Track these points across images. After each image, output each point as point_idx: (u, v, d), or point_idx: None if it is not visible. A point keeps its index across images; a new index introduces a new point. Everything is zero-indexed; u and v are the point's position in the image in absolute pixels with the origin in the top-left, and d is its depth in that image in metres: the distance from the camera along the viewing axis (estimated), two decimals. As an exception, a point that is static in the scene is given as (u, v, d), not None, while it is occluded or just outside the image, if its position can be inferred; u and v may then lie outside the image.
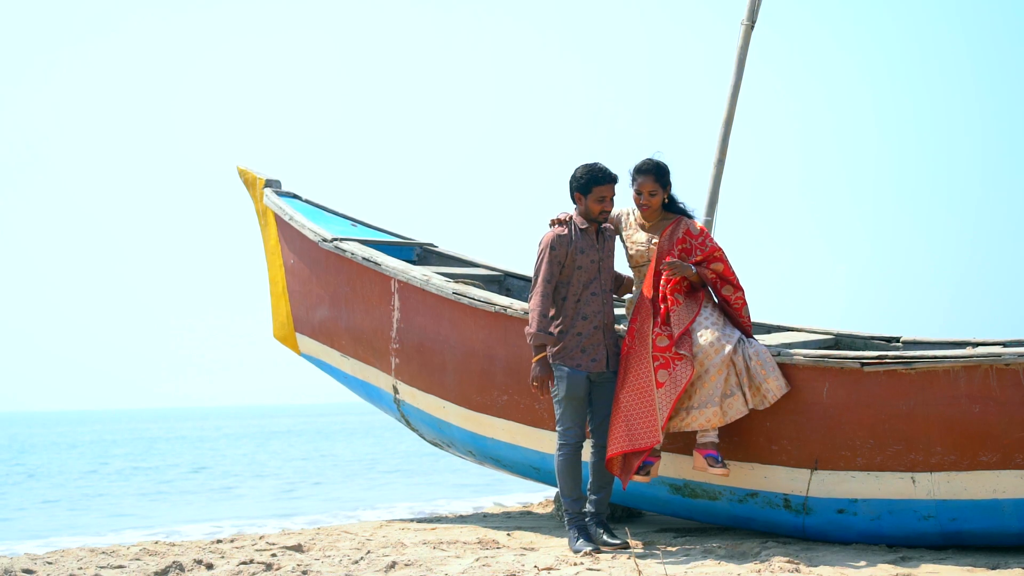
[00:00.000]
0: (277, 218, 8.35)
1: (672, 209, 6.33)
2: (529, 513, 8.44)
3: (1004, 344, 6.34)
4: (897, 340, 6.97)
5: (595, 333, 6.16)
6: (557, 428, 6.20)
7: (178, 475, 19.50)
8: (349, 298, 7.75)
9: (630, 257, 6.41)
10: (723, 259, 6.22)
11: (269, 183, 8.57)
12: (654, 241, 6.29)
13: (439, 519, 8.33)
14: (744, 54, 7.33)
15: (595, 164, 6.24)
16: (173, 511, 13.30)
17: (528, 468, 7.01)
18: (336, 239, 7.76)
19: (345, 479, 17.55)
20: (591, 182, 6.19)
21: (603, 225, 6.33)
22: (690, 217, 6.34)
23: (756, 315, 7.44)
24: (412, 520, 8.36)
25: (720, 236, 7.03)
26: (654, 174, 6.25)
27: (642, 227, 6.40)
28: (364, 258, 7.55)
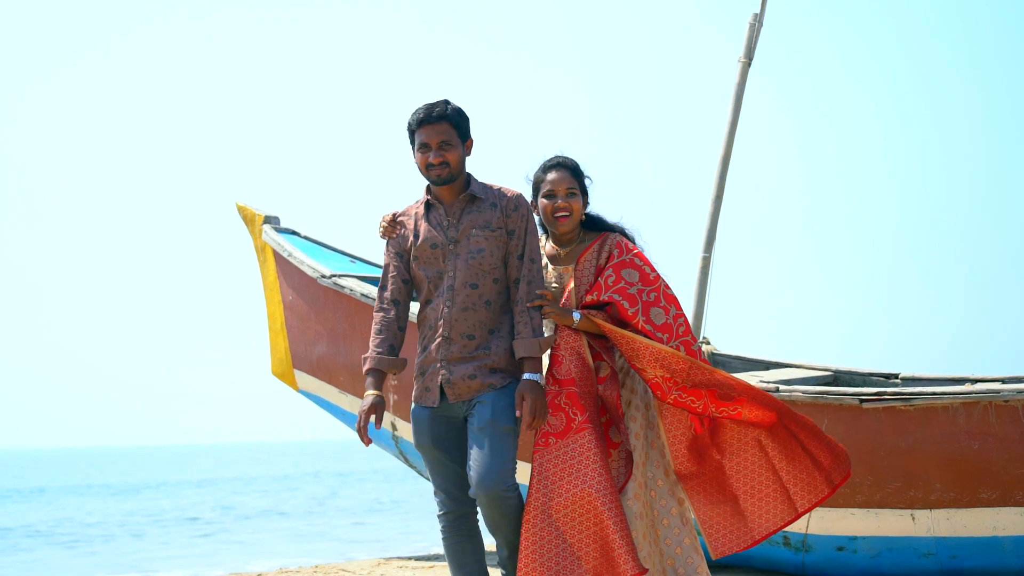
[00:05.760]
0: (276, 254, 8.35)
1: (593, 227, 4.50)
2: (528, 551, 8.38)
3: (1003, 380, 6.32)
4: (896, 376, 6.95)
5: None
6: None
7: (176, 518, 19.40)
8: (347, 334, 7.74)
9: None
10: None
11: (268, 219, 8.58)
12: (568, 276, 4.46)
13: (437, 557, 8.28)
14: (741, 91, 7.36)
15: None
16: (175, 552, 13.22)
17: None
18: (335, 275, 7.76)
19: (343, 516, 17.47)
20: None
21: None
22: (625, 234, 4.49)
23: (754, 351, 7.41)
24: (410, 558, 8.31)
25: (718, 272, 7.01)
26: (569, 168, 4.43)
27: (553, 259, 4.50)
28: (362, 294, 7.55)
